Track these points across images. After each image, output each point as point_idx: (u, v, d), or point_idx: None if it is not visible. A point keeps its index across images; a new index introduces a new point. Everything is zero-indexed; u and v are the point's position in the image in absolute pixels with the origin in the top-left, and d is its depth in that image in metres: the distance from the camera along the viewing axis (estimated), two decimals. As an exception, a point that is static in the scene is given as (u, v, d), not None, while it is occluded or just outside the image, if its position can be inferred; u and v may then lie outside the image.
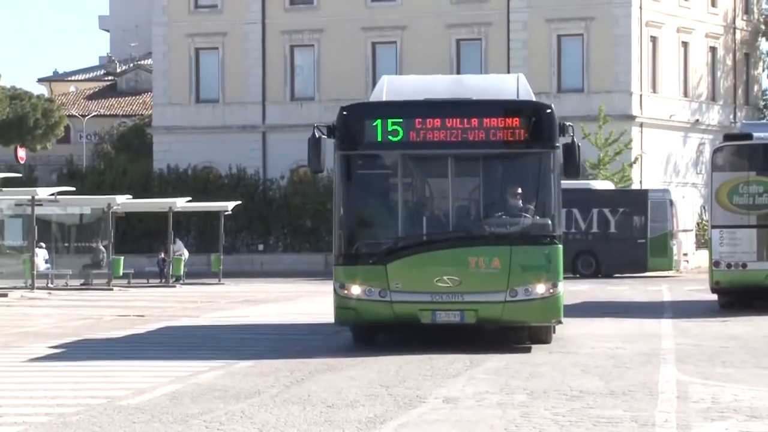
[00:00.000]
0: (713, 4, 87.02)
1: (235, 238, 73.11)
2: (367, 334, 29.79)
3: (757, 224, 37.95)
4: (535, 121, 28.26)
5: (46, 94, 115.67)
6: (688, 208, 68.56)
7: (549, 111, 28.23)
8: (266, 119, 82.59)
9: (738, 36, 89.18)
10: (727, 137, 42.66)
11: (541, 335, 30.06)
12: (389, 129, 28.19)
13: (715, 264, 38.63)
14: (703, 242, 58.12)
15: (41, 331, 34.62)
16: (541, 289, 27.64)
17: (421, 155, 29.20)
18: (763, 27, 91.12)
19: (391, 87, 30.86)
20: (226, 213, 64.95)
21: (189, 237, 72.98)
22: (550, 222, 28.23)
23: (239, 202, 65.23)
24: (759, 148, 38.75)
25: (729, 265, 38.22)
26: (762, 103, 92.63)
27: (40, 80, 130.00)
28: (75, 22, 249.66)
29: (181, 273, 64.34)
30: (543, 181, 28.50)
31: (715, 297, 39.03)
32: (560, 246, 27.94)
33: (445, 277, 27.78)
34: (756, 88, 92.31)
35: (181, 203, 64.61)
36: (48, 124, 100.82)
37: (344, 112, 28.42)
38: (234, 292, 51.00)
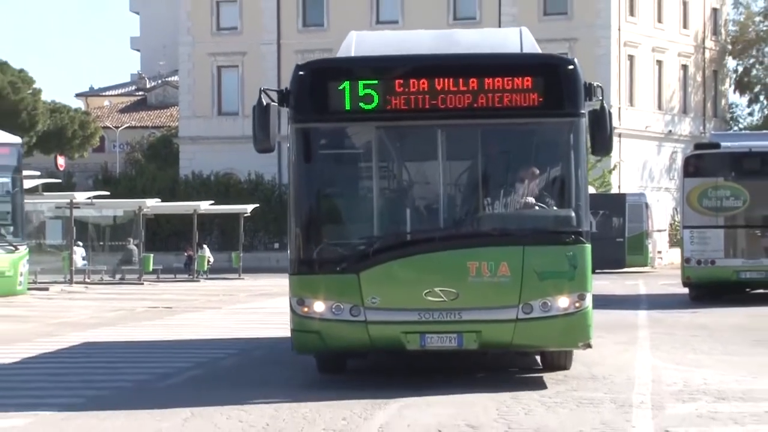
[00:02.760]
0: (685, 26, 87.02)
1: (254, 238, 73.09)
2: (336, 361, 20.01)
3: (724, 225, 38.10)
4: (553, 80, 18.38)
5: (83, 108, 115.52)
6: (662, 210, 68.74)
7: (572, 67, 18.43)
8: (281, 130, 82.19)
9: (707, 55, 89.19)
10: (698, 146, 43.05)
11: (559, 360, 20.47)
12: (361, 94, 18.26)
13: (686, 261, 38.72)
14: (675, 241, 58.13)
15: (80, 322, 34.57)
16: (563, 302, 17.97)
17: (403, 128, 19.02)
18: (729, 47, 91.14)
19: (362, 45, 20.55)
20: (245, 215, 65.07)
21: (212, 237, 73.02)
22: (574, 214, 18.36)
23: (257, 206, 65.11)
24: (726, 156, 38.88)
25: (699, 262, 38.34)
26: (729, 116, 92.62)
27: (77, 95, 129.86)
28: (109, 43, 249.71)
29: (205, 269, 64.57)
30: (565, 160, 18.66)
31: (686, 291, 39.10)
32: (588, 245, 18.24)
33: (437, 289, 17.90)
34: (723, 102, 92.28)
35: (205, 206, 64.79)
36: (84, 135, 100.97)
37: (300, 72, 18.43)
38: (252, 286, 50.94)
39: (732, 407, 17.58)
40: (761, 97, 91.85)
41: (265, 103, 17.97)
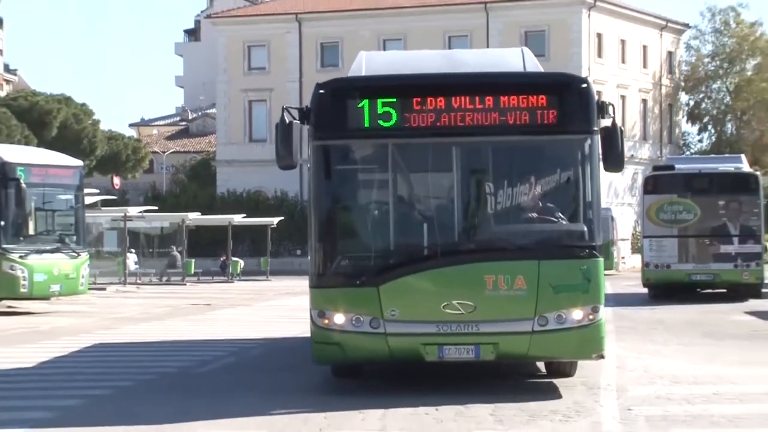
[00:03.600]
0: (644, 66, 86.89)
1: (279, 245, 72.90)
2: (352, 368, 18.11)
3: (678, 235, 38.23)
4: (567, 98, 16.65)
5: (135, 136, 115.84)
6: (625, 222, 68.79)
7: (585, 86, 16.73)
8: (302, 155, 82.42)
9: (663, 91, 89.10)
10: (655, 168, 43.30)
11: (565, 368, 19.04)
12: (379, 111, 16.51)
13: (646, 265, 38.87)
14: (636, 248, 58.00)
15: (132, 317, 34.53)
16: (577, 315, 16.26)
17: (420, 144, 16.93)
18: (682, 84, 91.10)
19: (372, 64, 18.74)
20: (272, 226, 64.94)
21: (244, 245, 72.91)
22: (587, 229, 16.50)
23: (282, 218, 65.08)
24: (679, 177, 39.05)
25: (656, 266, 38.48)
26: (681, 142, 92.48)
27: (130, 125, 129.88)
28: (158, 81, 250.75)
29: (238, 272, 64.63)
30: (578, 176, 16.76)
31: (645, 291, 39.17)
32: (601, 259, 16.56)
33: (454, 302, 16.04)
34: (677, 130, 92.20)
35: (238, 219, 64.76)
36: (136, 158, 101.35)
37: (321, 90, 16.59)
38: (278, 287, 50.89)
39: (685, 390, 17.59)
40: (709, 127, 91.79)
41: (287, 121, 16.09)
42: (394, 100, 15.82)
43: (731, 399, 17.01)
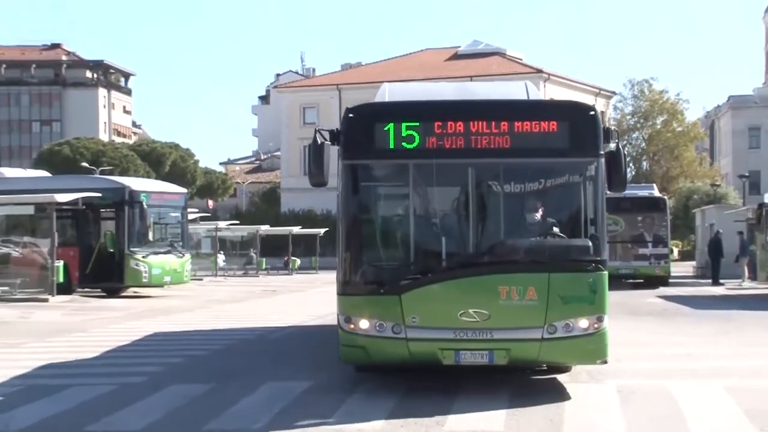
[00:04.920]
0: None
1: (325, 248, 72.53)
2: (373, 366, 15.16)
3: (609, 241, 37.48)
4: (576, 124, 13.93)
5: (223, 171, 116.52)
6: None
7: (593, 113, 14.06)
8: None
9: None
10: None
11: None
12: (403, 134, 13.89)
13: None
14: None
15: (221, 299, 34.58)
16: (584, 324, 13.46)
17: (441, 165, 14.06)
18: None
19: (394, 94, 16.25)
20: (320, 235, 65.53)
21: (300, 248, 72.85)
22: (593, 244, 13.76)
23: (327, 229, 64.90)
24: (610, 199, 38.41)
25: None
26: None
27: (220, 163, 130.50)
28: (239, 132, 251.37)
29: (296, 267, 64.90)
30: (586, 196, 14.05)
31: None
32: (605, 273, 13.83)
33: (471, 311, 13.30)
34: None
35: (296, 230, 65.83)
36: (224, 187, 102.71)
37: (350, 114, 14.13)
38: (324, 278, 50.69)
39: (618, 351, 17.42)
40: (630, 164, 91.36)
41: (319, 142, 13.46)
42: (417, 123, 13.12)
43: (647, 357, 16.96)
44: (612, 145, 12.94)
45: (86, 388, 13.82)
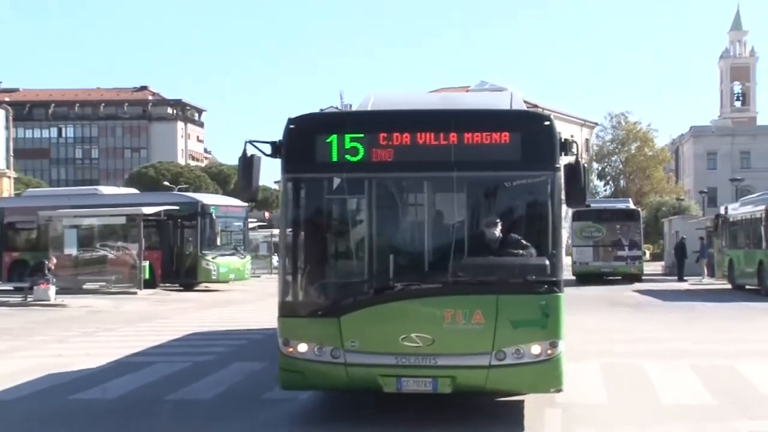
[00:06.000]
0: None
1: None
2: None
3: (593, 245, 38.12)
4: (529, 135, 10.00)
5: (277, 188, 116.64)
6: (562, 237, 68.40)
7: (548, 123, 10.12)
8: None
9: (583, 161, 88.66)
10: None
11: None
12: (346, 146, 9.98)
13: (574, 263, 38.42)
14: (568, 253, 57.60)
15: (276, 293, 34.55)
16: (536, 349, 9.65)
17: (385, 179, 10.47)
18: (594, 156, 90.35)
19: (378, 102, 12.08)
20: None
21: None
22: (548, 264, 9.83)
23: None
24: (593, 211, 38.84)
25: (580, 264, 38.34)
26: (594, 191, 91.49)
27: (275, 182, 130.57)
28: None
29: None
30: (541, 212, 10.10)
31: (574, 278, 38.65)
32: (561, 295, 9.99)
33: (413, 335, 9.58)
34: (591, 184, 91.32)
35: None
36: (278, 201, 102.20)
37: (291, 126, 10.13)
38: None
39: (599, 336, 17.41)
40: (610, 182, 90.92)
41: (249, 155, 10.03)
42: (361, 135, 9.65)
43: (624, 341, 16.86)
44: (571, 158, 9.64)
45: (166, 364, 13.90)
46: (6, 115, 59.48)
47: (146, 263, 32.22)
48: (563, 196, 9.81)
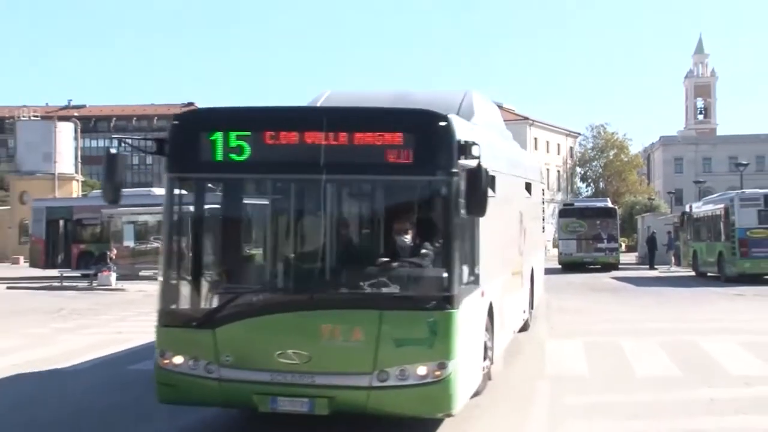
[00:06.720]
0: (558, 153, 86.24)
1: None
2: None
3: (576, 238, 37.85)
4: (424, 136, 6.94)
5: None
6: (550, 231, 68.16)
7: (444, 124, 6.93)
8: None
9: (568, 166, 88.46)
10: (564, 205, 43.06)
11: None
12: (231, 145, 7.15)
13: (560, 254, 38.32)
14: (555, 245, 57.46)
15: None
16: (422, 371, 6.83)
17: (270, 182, 7.91)
18: (578, 162, 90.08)
19: (331, 99, 9.79)
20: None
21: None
22: (440, 277, 6.89)
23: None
24: (576, 209, 38.92)
25: (566, 254, 38.05)
26: (577, 192, 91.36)
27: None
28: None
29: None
30: (435, 221, 7.22)
31: (560, 267, 38.54)
32: (454, 311, 6.82)
33: (289, 351, 6.96)
34: (575, 186, 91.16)
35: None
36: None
37: (175, 122, 7.48)
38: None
39: (581, 317, 17.37)
40: (591, 184, 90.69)
41: (113, 153, 7.64)
42: (247, 133, 7.33)
43: (603, 321, 16.82)
44: (472, 162, 7.16)
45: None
46: (75, 127, 59.98)
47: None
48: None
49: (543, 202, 16.88)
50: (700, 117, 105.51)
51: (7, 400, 9.77)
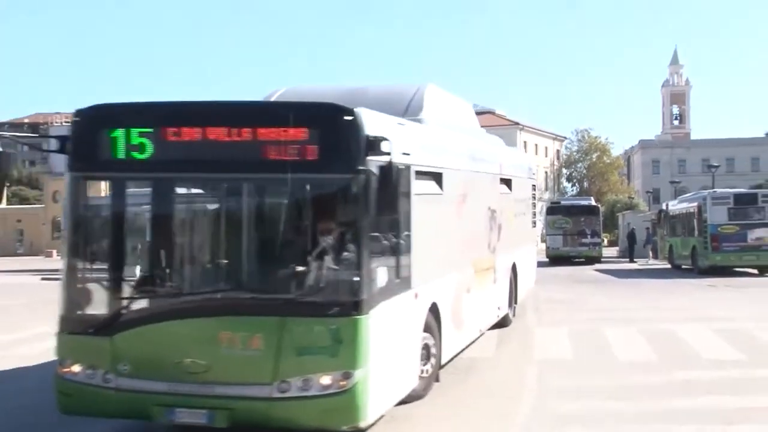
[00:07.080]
0: (546, 155, 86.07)
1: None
2: None
3: (562, 234, 37.83)
4: (328, 131, 5.85)
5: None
6: (539, 227, 67.96)
7: (349, 118, 5.86)
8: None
9: (555, 166, 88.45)
10: (552, 203, 43.00)
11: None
12: (133, 142, 6.06)
13: (547, 248, 38.20)
14: (543, 240, 57.53)
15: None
16: (325, 380, 5.83)
17: (171, 180, 6.55)
18: (564, 164, 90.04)
19: (282, 97, 8.43)
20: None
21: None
22: (351, 280, 5.87)
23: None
24: (562, 207, 38.96)
25: (553, 249, 37.98)
26: (564, 191, 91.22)
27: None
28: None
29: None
30: (342, 221, 6.04)
31: (547, 260, 38.51)
32: (361, 318, 5.83)
33: (187, 360, 5.97)
34: (562, 185, 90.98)
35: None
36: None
37: (77, 118, 6.27)
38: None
39: (566, 306, 17.41)
40: (576, 184, 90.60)
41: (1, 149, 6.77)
42: (149, 130, 6.35)
43: (587, 309, 16.86)
44: (383, 159, 6.18)
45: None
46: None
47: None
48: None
49: (534, 198, 16.23)
50: (676, 122, 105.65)
51: (35, 383, 9.87)
